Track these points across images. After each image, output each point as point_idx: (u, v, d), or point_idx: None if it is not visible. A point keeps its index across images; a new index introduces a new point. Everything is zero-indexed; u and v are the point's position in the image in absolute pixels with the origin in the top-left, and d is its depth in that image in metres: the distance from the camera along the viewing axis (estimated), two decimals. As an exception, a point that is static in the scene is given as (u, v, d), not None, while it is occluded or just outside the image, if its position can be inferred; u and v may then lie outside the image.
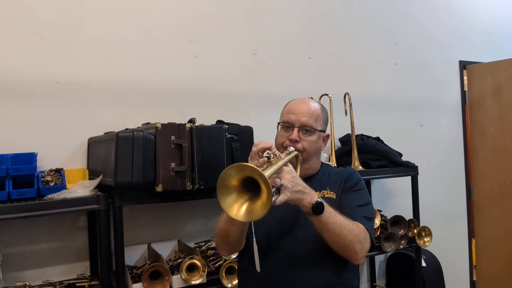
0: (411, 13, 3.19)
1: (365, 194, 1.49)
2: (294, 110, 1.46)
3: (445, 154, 3.30)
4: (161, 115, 2.09)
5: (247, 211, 1.03)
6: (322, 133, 1.51)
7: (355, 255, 1.31)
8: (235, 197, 1.03)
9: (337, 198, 1.45)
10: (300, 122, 1.44)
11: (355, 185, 1.49)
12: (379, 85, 2.98)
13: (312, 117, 1.45)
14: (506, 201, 3.22)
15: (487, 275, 3.33)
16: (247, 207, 1.03)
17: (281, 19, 2.62)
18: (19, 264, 1.84)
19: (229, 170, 1.02)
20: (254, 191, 1.02)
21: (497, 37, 3.65)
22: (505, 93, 3.25)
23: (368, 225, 1.38)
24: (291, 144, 1.43)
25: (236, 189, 1.04)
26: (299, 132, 1.44)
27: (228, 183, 1.03)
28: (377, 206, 2.57)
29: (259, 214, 1.00)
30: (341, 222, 1.26)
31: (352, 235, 1.27)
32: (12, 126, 1.87)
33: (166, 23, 2.25)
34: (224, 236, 1.38)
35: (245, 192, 1.04)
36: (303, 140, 1.44)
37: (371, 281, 2.86)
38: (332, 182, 1.50)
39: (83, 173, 1.91)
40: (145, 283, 1.69)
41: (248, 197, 1.04)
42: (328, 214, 1.23)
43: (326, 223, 1.23)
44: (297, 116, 1.45)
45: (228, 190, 1.03)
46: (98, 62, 2.06)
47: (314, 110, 1.47)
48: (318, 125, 1.47)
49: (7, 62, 1.88)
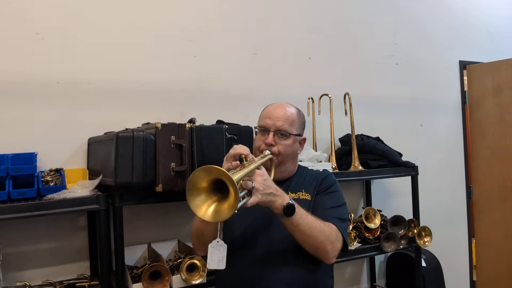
0: (411, 13, 3.19)
1: (339, 196, 1.53)
2: (270, 114, 1.51)
3: (445, 154, 3.30)
4: (161, 115, 2.09)
5: (214, 212, 1.06)
6: (298, 137, 1.54)
7: (326, 254, 1.36)
8: (203, 198, 1.07)
9: (311, 200, 1.50)
10: (275, 127, 1.48)
11: (329, 187, 1.53)
12: (379, 85, 2.99)
13: (287, 122, 1.49)
14: (506, 201, 3.22)
15: (487, 275, 3.33)
16: (214, 208, 1.07)
17: (281, 19, 2.62)
18: (19, 264, 1.84)
19: (198, 172, 1.05)
20: (224, 193, 1.05)
21: (497, 37, 3.65)
22: (505, 93, 3.25)
23: (341, 225, 1.42)
24: (266, 147, 1.47)
25: (205, 190, 1.07)
26: (274, 136, 1.48)
27: (197, 184, 1.06)
28: (377, 206, 2.57)
29: (226, 215, 1.05)
30: (312, 223, 1.31)
31: (322, 235, 1.32)
32: (12, 126, 1.87)
33: (166, 23, 2.25)
34: (200, 236, 1.43)
35: (215, 194, 1.08)
36: (278, 144, 1.48)
37: (371, 281, 2.86)
38: (308, 184, 1.54)
39: (83, 173, 1.91)
40: (145, 283, 1.69)
41: (216, 199, 1.08)
42: (299, 215, 1.28)
43: (297, 224, 1.28)
44: (272, 121, 1.49)
45: (197, 191, 1.07)
46: (98, 62, 2.07)
47: (289, 115, 1.51)
48: (293, 129, 1.51)
49: (7, 62, 1.88)
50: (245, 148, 1.30)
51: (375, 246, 2.37)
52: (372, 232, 2.44)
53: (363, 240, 2.42)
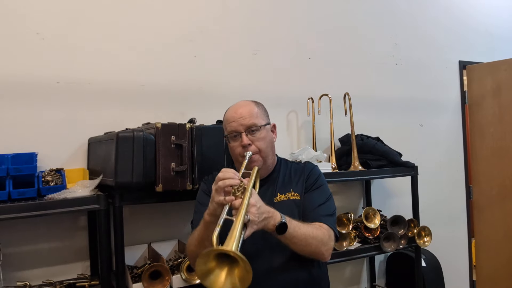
0: (411, 13, 3.19)
1: (325, 189, 1.54)
2: (233, 118, 1.47)
3: (445, 154, 3.30)
4: (161, 115, 2.09)
5: (232, 285, 1.03)
6: (267, 126, 1.53)
7: (322, 256, 1.40)
8: (217, 274, 1.04)
9: (301, 198, 1.50)
10: (243, 126, 1.45)
11: (315, 182, 1.53)
12: (379, 85, 2.99)
13: (252, 116, 1.47)
14: (505, 201, 3.22)
15: (487, 275, 3.33)
16: (231, 280, 1.03)
17: (281, 19, 2.62)
18: (19, 264, 1.85)
19: (201, 259, 1.01)
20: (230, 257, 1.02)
21: (496, 38, 3.65)
22: (505, 93, 3.25)
23: (330, 221, 1.45)
24: (245, 150, 1.44)
25: (215, 266, 1.04)
26: (247, 135, 1.45)
27: (206, 267, 1.03)
28: (377, 206, 2.57)
29: (247, 281, 1.00)
30: (305, 232, 1.32)
31: (317, 241, 1.35)
32: (12, 126, 1.87)
33: (166, 23, 2.25)
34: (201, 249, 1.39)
35: (223, 262, 1.04)
36: (254, 140, 1.46)
37: (371, 281, 2.86)
38: (295, 181, 1.54)
39: (83, 173, 1.91)
40: (145, 283, 1.69)
41: (227, 265, 1.04)
42: (292, 229, 1.29)
43: (291, 237, 1.29)
44: (238, 122, 1.46)
45: (209, 272, 1.03)
46: (98, 62, 2.07)
47: (250, 109, 1.49)
48: (260, 120, 1.49)
49: (7, 62, 1.88)
50: (232, 175, 1.23)
51: (375, 246, 2.37)
52: (372, 232, 2.44)
53: (363, 240, 2.42)
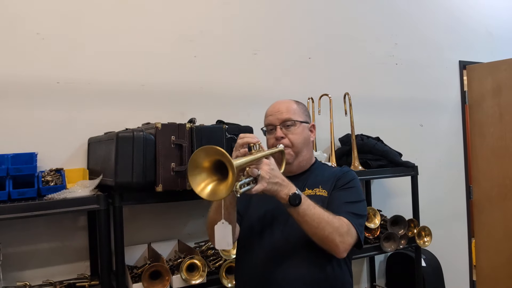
0: (411, 13, 3.19)
1: (356, 192, 1.49)
2: (271, 112, 1.53)
3: (445, 154, 3.31)
4: (161, 115, 2.09)
5: (212, 191, 1.09)
6: (305, 124, 1.54)
7: (336, 248, 1.31)
8: (204, 177, 1.10)
9: (328, 196, 1.48)
10: (279, 120, 1.49)
11: (347, 183, 1.50)
12: (379, 85, 2.99)
13: (289, 112, 1.50)
14: (505, 201, 3.22)
15: (487, 275, 3.33)
16: (212, 187, 1.10)
17: (281, 19, 2.62)
18: (19, 264, 1.85)
19: (199, 152, 1.08)
20: (224, 174, 1.08)
21: (496, 38, 3.65)
22: (505, 93, 3.25)
23: (355, 221, 1.38)
24: (278, 142, 1.47)
25: (207, 170, 1.10)
26: (281, 129, 1.48)
27: (199, 163, 1.09)
28: (377, 206, 2.57)
29: (222, 195, 1.07)
30: (320, 214, 1.28)
31: (331, 227, 1.29)
32: (12, 126, 1.87)
33: (166, 23, 2.25)
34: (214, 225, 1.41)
35: (216, 175, 1.10)
36: (288, 134, 1.48)
37: (371, 281, 2.86)
38: (326, 180, 1.52)
39: (83, 173, 1.91)
40: (145, 283, 1.69)
41: (217, 179, 1.10)
42: (306, 206, 1.26)
43: (304, 214, 1.26)
44: (274, 116, 1.50)
45: (198, 170, 1.09)
46: (98, 62, 2.07)
47: (288, 105, 1.52)
48: (297, 116, 1.51)
49: (7, 62, 1.88)
50: (253, 136, 1.28)
51: (375, 246, 2.37)
52: (372, 232, 2.44)
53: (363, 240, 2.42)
